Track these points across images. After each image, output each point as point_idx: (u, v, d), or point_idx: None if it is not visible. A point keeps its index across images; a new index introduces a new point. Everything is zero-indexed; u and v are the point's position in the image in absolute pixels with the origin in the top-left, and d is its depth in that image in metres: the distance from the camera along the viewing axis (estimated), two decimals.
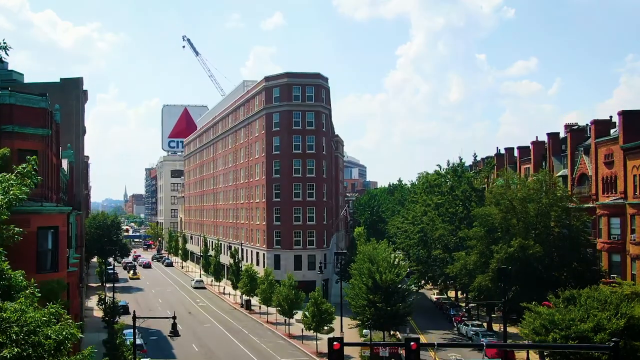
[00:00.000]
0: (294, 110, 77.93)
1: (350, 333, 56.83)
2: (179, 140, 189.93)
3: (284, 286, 60.80)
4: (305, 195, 77.60)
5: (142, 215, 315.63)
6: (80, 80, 65.04)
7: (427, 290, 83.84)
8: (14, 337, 13.39)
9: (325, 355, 49.07)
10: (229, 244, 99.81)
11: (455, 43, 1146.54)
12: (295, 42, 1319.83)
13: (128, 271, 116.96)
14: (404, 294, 52.49)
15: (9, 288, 14.88)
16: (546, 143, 72.36)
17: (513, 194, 50.68)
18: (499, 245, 48.24)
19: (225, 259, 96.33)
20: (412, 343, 24.28)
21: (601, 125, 60.06)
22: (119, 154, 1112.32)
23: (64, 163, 49.50)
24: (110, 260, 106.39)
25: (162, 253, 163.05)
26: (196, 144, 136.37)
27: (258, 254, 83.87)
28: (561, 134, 77.10)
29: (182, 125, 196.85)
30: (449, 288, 74.80)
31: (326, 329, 56.51)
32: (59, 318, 14.86)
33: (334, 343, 24.74)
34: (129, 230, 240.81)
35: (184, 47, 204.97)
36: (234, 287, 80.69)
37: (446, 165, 72.84)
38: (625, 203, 51.60)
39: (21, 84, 63.30)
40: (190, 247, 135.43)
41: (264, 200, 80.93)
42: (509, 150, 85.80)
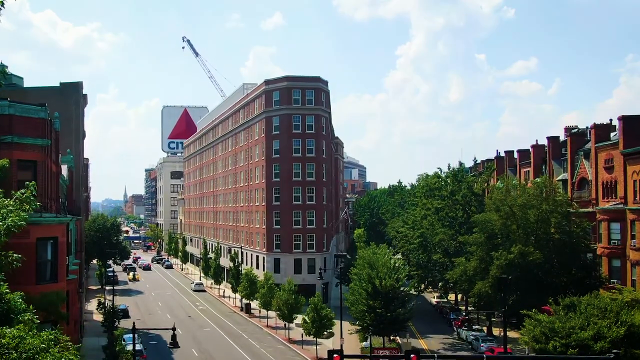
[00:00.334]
0: (294, 114, 77.89)
1: (351, 338, 56.73)
2: (179, 141, 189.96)
3: (283, 291, 60.73)
4: (305, 199, 77.55)
5: (142, 216, 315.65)
6: (79, 84, 64.96)
7: (427, 293, 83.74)
8: None
9: None
10: (229, 247, 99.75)
11: (455, 43, 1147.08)
12: (295, 42, 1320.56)
13: (128, 273, 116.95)
14: (404, 299, 52.40)
15: (7, 311, 14.84)
16: (546, 146, 72.38)
17: (513, 200, 50.61)
18: (499, 252, 48.18)
19: (225, 262, 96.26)
20: (412, 355, 24.32)
21: (601, 130, 60.10)
22: (119, 154, 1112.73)
23: (64, 169, 49.39)
24: (110, 262, 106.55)
25: (162, 255, 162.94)
26: (196, 146, 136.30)
27: (258, 257, 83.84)
28: (561, 137, 77.22)
29: (182, 127, 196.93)
30: (449, 292, 74.73)
31: (326, 334, 56.51)
32: (57, 342, 14.79)
33: (334, 355, 24.77)
34: (129, 232, 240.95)
35: (183, 48, 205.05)
36: (234, 291, 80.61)
37: (446, 168, 72.83)
38: (626, 208, 51.62)
39: (21, 88, 63.58)
40: (190, 249, 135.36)
41: (263, 203, 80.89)
42: (509, 154, 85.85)
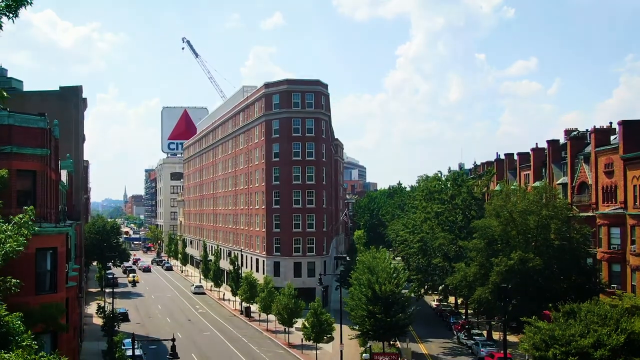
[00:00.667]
0: (294, 117, 77.83)
1: (350, 343, 56.71)
2: (179, 142, 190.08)
3: (283, 295, 60.72)
4: (305, 202, 77.52)
5: (142, 217, 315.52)
6: (79, 88, 64.83)
7: (427, 296, 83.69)
8: None
9: None
10: (229, 250, 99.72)
11: (455, 43, 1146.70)
12: (295, 42, 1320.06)
13: (127, 275, 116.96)
14: (404, 304, 52.36)
15: (6, 334, 14.79)
16: (546, 150, 72.33)
17: (513, 206, 50.58)
18: (499, 258, 48.15)
19: (224, 264, 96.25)
20: None
21: (601, 134, 60.02)
22: (119, 153, 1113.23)
23: (63, 174, 49.25)
24: (109, 265, 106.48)
25: (162, 256, 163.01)
26: (196, 148, 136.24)
27: (258, 260, 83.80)
28: (561, 140, 77.14)
29: (182, 127, 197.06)
30: (449, 296, 74.70)
31: (326, 339, 56.47)
32: None
33: None
34: (129, 233, 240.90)
35: (183, 49, 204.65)
36: (234, 294, 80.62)
37: (446, 171, 72.83)
38: (626, 213, 51.56)
39: (20, 91, 63.55)
40: (189, 251, 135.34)
41: (263, 207, 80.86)
42: (509, 156, 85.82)
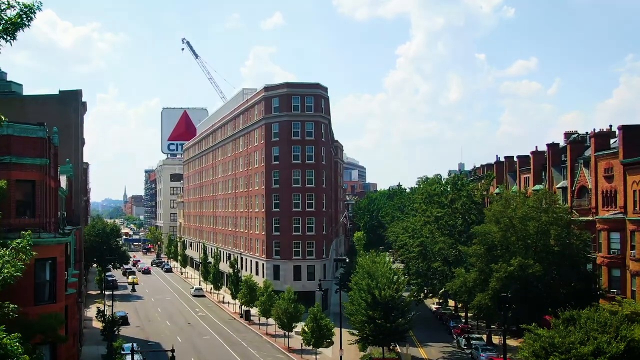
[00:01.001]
0: (294, 121, 77.76)
1: (350, 348, 56.67)
2: (179, 143, 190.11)
3: (283, 300, 60.64)
4: (305, 206, 77.44)
5: (142, 217, 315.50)
6: (79, 92, 64.84)
7: (427, 299, 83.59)
8: None
9: None
10: (228, 252, 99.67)
11: (455, 43, 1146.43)
12: (295, 42, 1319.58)
13: (127, 277, 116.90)
14: (403, 309, 52.32)
15: (4, 356, 14.75)
16: (546, 153, 72.32)
17: (512, 212, 50.53)
18: (499, 264, 48.08)
19: (224, 267, 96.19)
20: None
21: (601, 138, 59.99)
22: (119, 153, 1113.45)
23: (63, 179, 49.23)
24: (109, 267, 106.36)
25: (162, 258, 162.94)
26: (195, 150, 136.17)
27: (257, 263, 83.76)
28: (561, 142, 77.13)
29: (182, 128, 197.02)
30: (448, 299, 74.65)
31: (326, 343, 56.41)
32: None
33: None
34: (128, 234, 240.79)
35: (183, 50, 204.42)
36: (233, 297, 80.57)
37: (447, 174, 72.85)
38: (625, 218, 51.53)
39: (20, 95, 63.55)
40: (189, 253, 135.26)
41: (263, 210, 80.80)
42: (509, 159, 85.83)
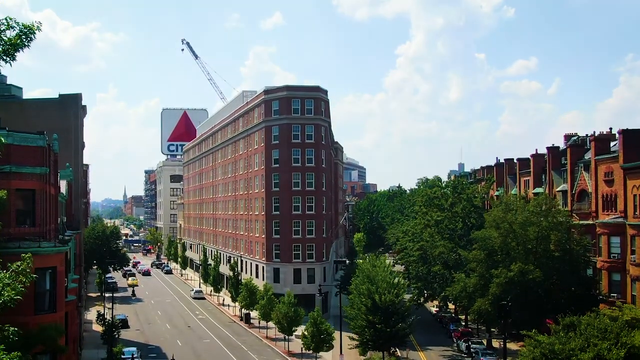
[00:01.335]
0: (293, 124, 77.70)
1: (350, 352, 56.58)
2: (179, 143, 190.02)
3: (283, 304, 60.59)
4: (305, 209, 77.38)
5: (142, 218, 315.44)
6: (79, 96, 64.84)
7: (427, 302, 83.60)
8: None
9: None
10: (229, 255, 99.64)
11: (454, 42, 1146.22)
12: (295, 42, 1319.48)
13: (127, 279, 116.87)
14: (403, 314, 52.32)
15: None
16: (546, 155, 72.31)
17: (513, 217, 50.51)
18: (499, 270, 48.07)
19: (224, 269, 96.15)
20: None
21: (601, 142, 59.98)
22: (119, 153, 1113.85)
23: (62, 184, 49.16)
24: (109, 268, 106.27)
25: (162, 259, 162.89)
26: (195, 152, 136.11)
27: (257, 266, 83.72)
28: (561, 144, 77.13)
29: (182, 129, 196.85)
30: (448, 303, 74.59)
31: (326, 348, 56.35)
32: None
33: None
34: (128, 235, 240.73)
35: (182, 51, 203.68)
36: (233, 300, 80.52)
37: (447, 175, 72.89)
38: (626, 223, 51.50)
39: (20, 99, 63.48)
40: (189, 254, 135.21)
41: (263, 213, 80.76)
42: (509, 161, 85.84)
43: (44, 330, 24.35)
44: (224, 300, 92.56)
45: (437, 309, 79.19)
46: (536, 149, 77.09)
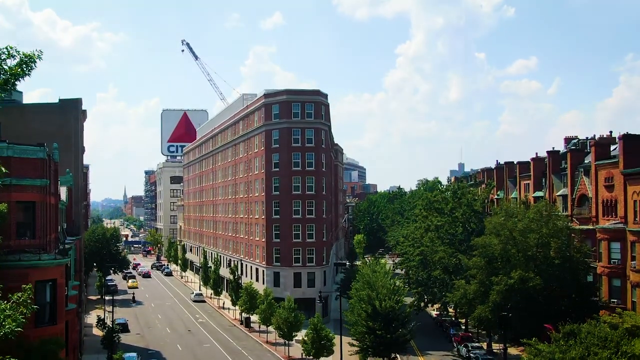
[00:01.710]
0: (294, 128, 77.66)
1: (351, 357, 56.56)
2: (179, 144, 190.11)
3: (283, 309, 60.60)
4: (305, 213, 77.34)
5: (142, 218, 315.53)
6: (79, 101, 64.89)
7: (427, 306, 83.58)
8: None
9: None
10: (229, 258, 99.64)
11: (454, 42, 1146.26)
12: (295, 42, 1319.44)
13: (127, 281, 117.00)
14: (404, 320, 52.29)
15: None
16: (546, 159, 72.33)
17: (513, 224, 50.50)
18: (499, 277, 48.06)
19: (224, 272, 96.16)
20: None
21: (601, 147, 59.93)
22: (119, 152, 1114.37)
23: (62, 190, 49.14)
24: (110, 271, 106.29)
25: (162, 260, 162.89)
26: (195, 154, 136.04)
27: (257, 270, 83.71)
28: (561, 147, 77.15)
29: (182, 130, 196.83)
30: (448, 308, 74.59)
31: (326, 353, 56.35)
32: None
33: None
34: (128, 236, 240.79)
35: (183, 52, 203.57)
36: (234, 303, 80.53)
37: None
38: (626, 229, 51.48)
39: (20, 104, 63.47)
40: (189, 256, 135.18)
41: (263, 216, 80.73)
42: (509, 165, 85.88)
43: (45, 343, 24.36)
44: (224, 303, 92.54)
45: (438, 313, 79.13)
46: (536, 153, 77.18)
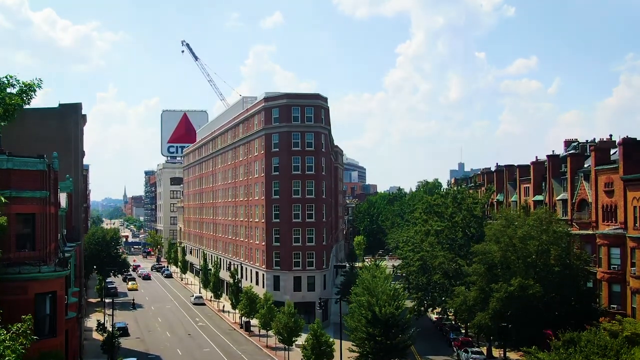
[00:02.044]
0: (293, 131, 77.67)
1: None
2: (179, 145, 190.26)
3: (283, 314, 60.60)
4: (305, 216, 77.35)
5: (142, 218, 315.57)
6: (79, 105, 64.92)
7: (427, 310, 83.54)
8: None
9: None
10: (229, 260, 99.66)
11: (454, 41, 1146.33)
12: (295, 41, 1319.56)
13: (127, 283, 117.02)
14: (404, 326, 52.29)
15: None
16: (546, 163, 72.34)
17: (513, 231, 50.50)
18: (499, 284, 48.07)
19: (224, 274, 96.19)
20: None
21: (601, 152, 59.82)
22: (119, 152, 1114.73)
23: (62, 197, 49.09)
24: (110, 274, 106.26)
25: (162, 262, 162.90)
26: (195, 156, 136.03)
27: (257, 273, 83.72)
28: (561, 149, 77.20)
29: (182, 131, 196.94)
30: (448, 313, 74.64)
31: (326, 358, 56.32)
32: None
33: None
34: (128, 237, 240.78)
35: (182, 52, 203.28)
36: (234, 307, 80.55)
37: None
38: (626, 235, 51.46)
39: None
40: (189, 258, 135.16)
41: (263, 220, 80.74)
42: (509, 168, 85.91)
43: (44, 357, 24.37)
44: (224, 306, 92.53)
45: (438, 316, 79.16)
46: (536, 157, 77.23)
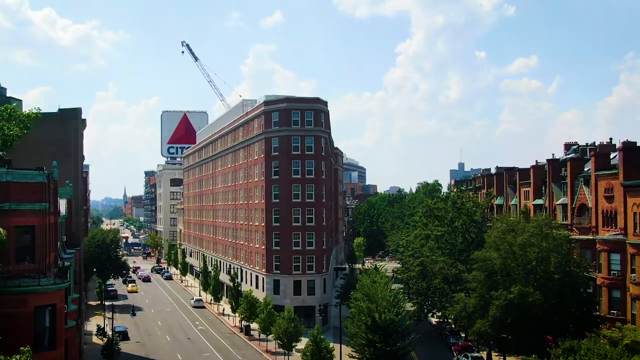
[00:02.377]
0: (293, 135, 77.59)
1: None
2: (179, 146, 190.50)
3: (282, 319, 60.58)
4: (305, 221, 77.27)
5: (142, 219, 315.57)
6: (78, 110, 64.83)
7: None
8: None
9: None
10: (228, 263, 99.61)
11: (455, 41, 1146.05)
12: (295, 40, 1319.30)
13: (127, 285, 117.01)
14: (404, 332, 52.26)
15: None
16: (546, 166, 72.35)
17: (512, 238, 50.50)
18: (499, 292, 48.06)
19: (224, 277, 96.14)
20: None
21: (601, 157, 59.80)
22: (119, 151, 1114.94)
23: (62, 202, 49.02)
24: (110, 276, 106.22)
25: (162, 264, 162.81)
26: (195, 158, 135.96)
27: (257, 277, 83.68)
28: (561, 151, 77.30)
29: (182, 132, 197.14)
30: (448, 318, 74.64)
31: None
32: None
33: None
34: (128, 237, 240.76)
35: (182, 53, 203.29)
36: (233, 310, 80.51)
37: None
38: (626, 241, 51.42)
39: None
40: (189, 260, 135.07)
41: (263, 224, 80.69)
42: (509, 171, 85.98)
43: None
44: (224, 309, 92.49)
45: (438, 320, 79.14)
46: (536, 160, 77.37)
